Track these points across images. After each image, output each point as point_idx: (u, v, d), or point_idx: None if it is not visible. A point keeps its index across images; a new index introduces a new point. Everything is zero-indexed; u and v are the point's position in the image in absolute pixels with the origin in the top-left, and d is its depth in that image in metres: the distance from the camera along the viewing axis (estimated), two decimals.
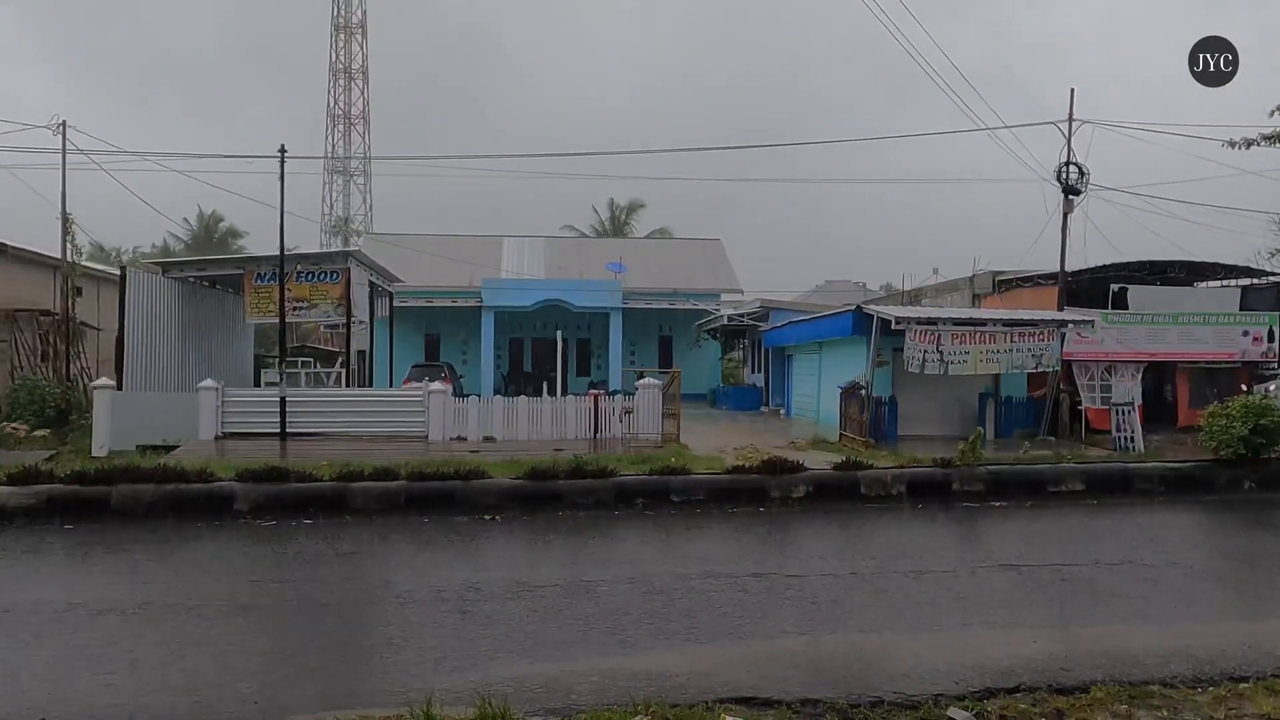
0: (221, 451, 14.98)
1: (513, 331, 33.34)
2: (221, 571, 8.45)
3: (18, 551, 9.02)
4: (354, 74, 57.58)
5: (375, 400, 19.04)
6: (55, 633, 6.38)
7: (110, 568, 8.53)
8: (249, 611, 6.98)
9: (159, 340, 20.40)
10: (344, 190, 58.28)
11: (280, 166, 17.32)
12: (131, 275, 19.73)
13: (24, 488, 10.37)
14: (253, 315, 20.89)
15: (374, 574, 8.50)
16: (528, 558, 9.16)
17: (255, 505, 10.54)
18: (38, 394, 20.16)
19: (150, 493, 10.49)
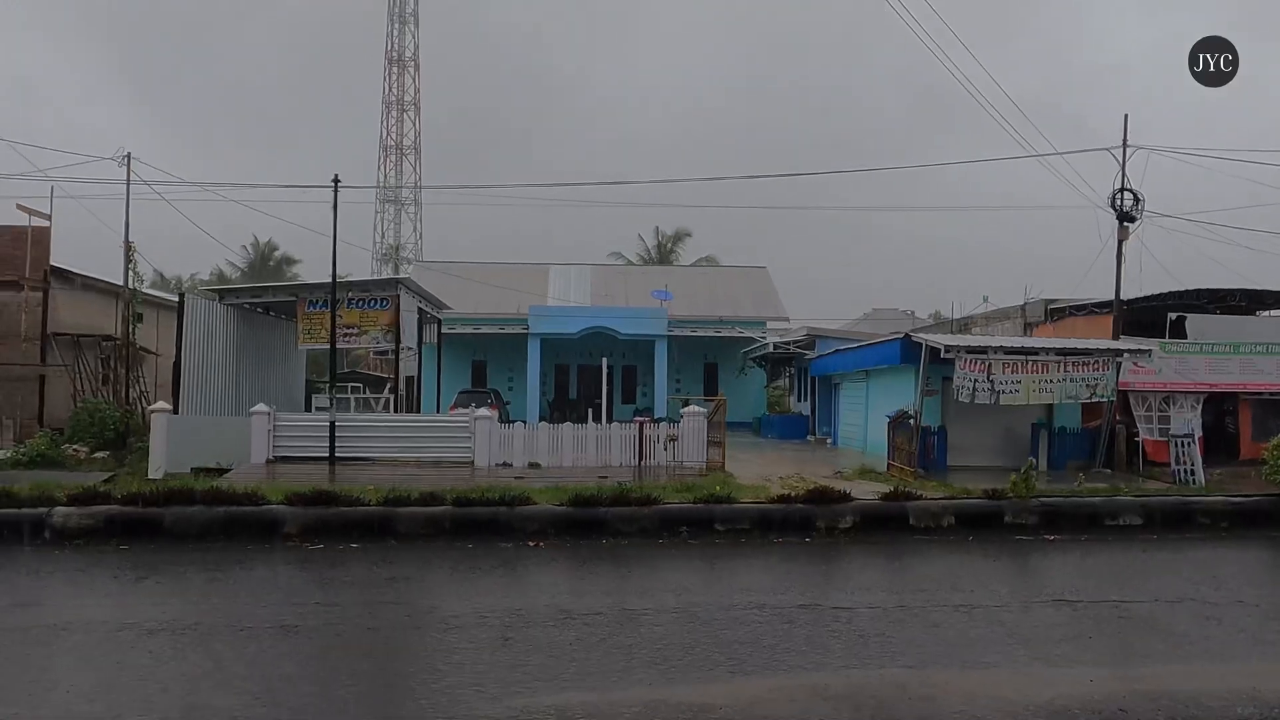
0: (272, 475, 15.22)
1: (558, 358, 33.55)
2: (270, 594, 8.55)
3: (76, 570, 9.24)
4: (406, 106, 58.80)
5: (422, 426, 19.22)
6: (106, 652, 6.49)
7: (163, 588, 8.67)
8: (295, 634, 7.04)
9: (214, 365, 20.86)
10: (395, 219, 59.33)
11: (334, 196, 17.70)
12: (189, 301, 20.25)
13: (84, 508, 10.63)
14: (305, 341, 21.28)
15: (419, 599, 8.54)
16: (571, 585, 9.14)
17: (303, 528, 10.67)
18: (98, 417, 20.72)
19: (202, 515, 10.68)
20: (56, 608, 7.91)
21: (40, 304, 23.55)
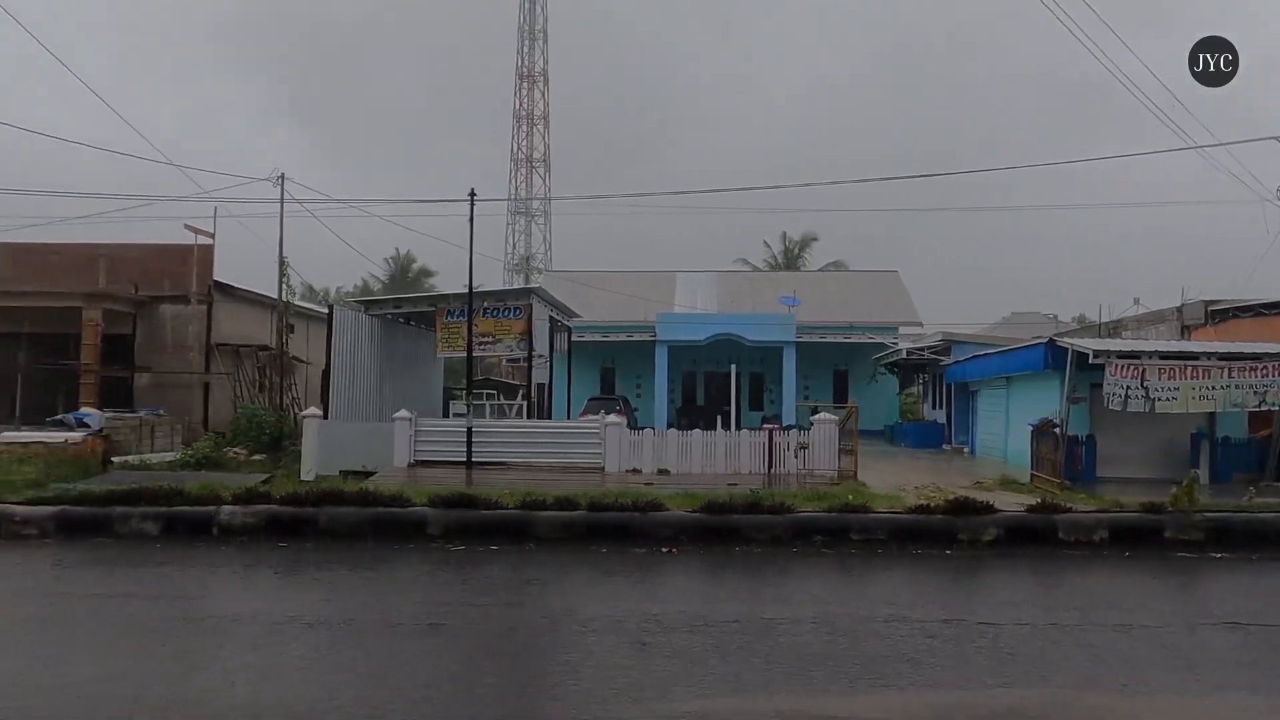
0: (414, 478, 15.83)
1: (686, 365, 33.64)
2: (416, 593, 8.90)
3: (241, 565, 9.87)
4: (536, 120, 60.39)
5: (554, 432, 19.63)
6: (272, 643, 6.89)
7: (319, 584, 9.15)
8: (441, 632, 7.29)
9: (360, 373, 21.90)
10: (525, 230, 61.02)
11: (470, 209, 18.33)
12: (337, 313, 21.35)
13: (247, 507, 11.36)
14: (443, 350, 22.12)
15: (556, 601, 8.70)
16: (705, 592, 9.13)
17: (446, 530, 11.06)
18: (256, 422, 22.09)
19: (353, 515, 11.23)
20: (227, 600, 8.48)
21: (205, 317, 25.34)
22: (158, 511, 11.20)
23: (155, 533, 11.08)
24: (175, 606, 8.13)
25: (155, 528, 11.10)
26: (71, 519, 11.18)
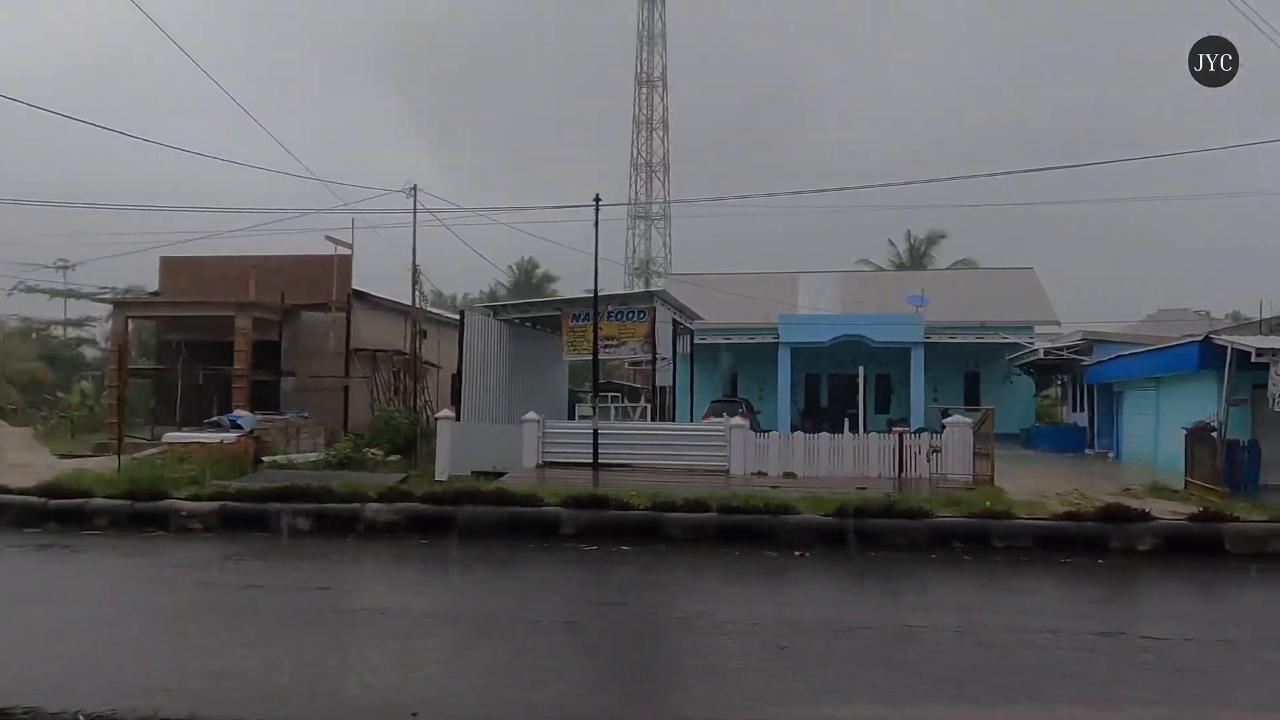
0: (542, 479, 16.12)
1: (809, 367, 33.14)
2: (553, 591, 9.06)
3: (386, 560, 10.28)
4: (655, 124, 60.77)
5: (678, 434, 19.64)
6: (418, 636, 7.13)
7: (459, 580, 9.44)
8: (579, 630, 7.39)
9: (489, 376, 22.48)
10: (645, 234, 61.44)
11: (595, 214, 18.56)
12: (469, 318, 21.98)
13: (389, 505, 11.83)
14: (568, 352, 22.46)
15: (692, 603, 8.68)
16: (841, 597, 8.96)
17: (579, 529, 11.22)
18: (391, 424, 22.98)
19: (490, 515, 11.53)
20: (375, 594, 8.84)
21: (344, 324, 26.54)
22: (309, 508, 11.80)
23: (307, 528, 11.67)
24: (328, 599, 8.52)
25: (307, 523, 11.70)
26: (232, 514, 11.91)
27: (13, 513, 12.24)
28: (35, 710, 5.22)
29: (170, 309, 26.56)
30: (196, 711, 5.24)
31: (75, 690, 5.65)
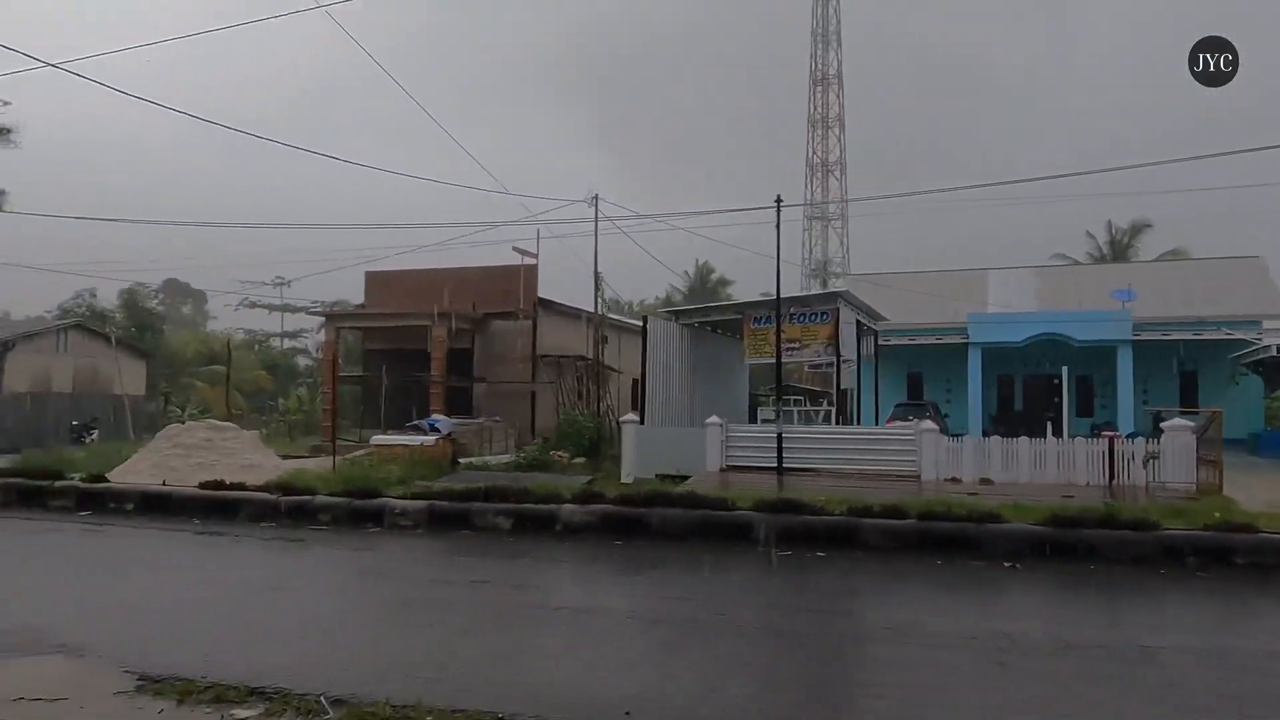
0: (726, 483, 16.08)
1: (1000, 368, 31.48)
2: (752, 596, 8.96)
3: (585, 560, 10.52)
4: (831, 123, 59.63)
5: (864, 438, 19.11)
6: (623, 637, 7.22)
7: (656, 582, 9.50)
8: (784, 637, 7.27)
9: (671, 380, 22.69)
10: (822, 235, 60.36)
11: (777, 215, 18.39)
12: (651, 323, 22.27)
13: (584, 506, 12.12)
14: (750, 356, 22.33)
15: (897, 612, 8.36)
16: (1061, 612, 8.38)
17: (772, 534, 11.07)
18: (576, 427, 23.61)
19: (682, 517, 11.59)
20: (576, 593, 9.04)
21: (530, 331, 27.56)
22: (509, 508, 12.27)
23: (507, 527, 12.14)
24: (533, 596, 8.80)
25: (507, 523, 12.17)
26: (439, 513, 12.56)
27: (250, 508, 13.43)
28: (285, 692, 5.64)
29: (373, 320, 28.47)
30: (424, 699, 5.50)
31: (315, 674, 6.07)
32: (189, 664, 6.17)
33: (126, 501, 14.41)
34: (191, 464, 17.21)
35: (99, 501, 14.53)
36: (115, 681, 5.88)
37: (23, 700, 5.50)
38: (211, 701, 5.51)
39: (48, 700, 5.51)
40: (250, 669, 6.09)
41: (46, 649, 6.62)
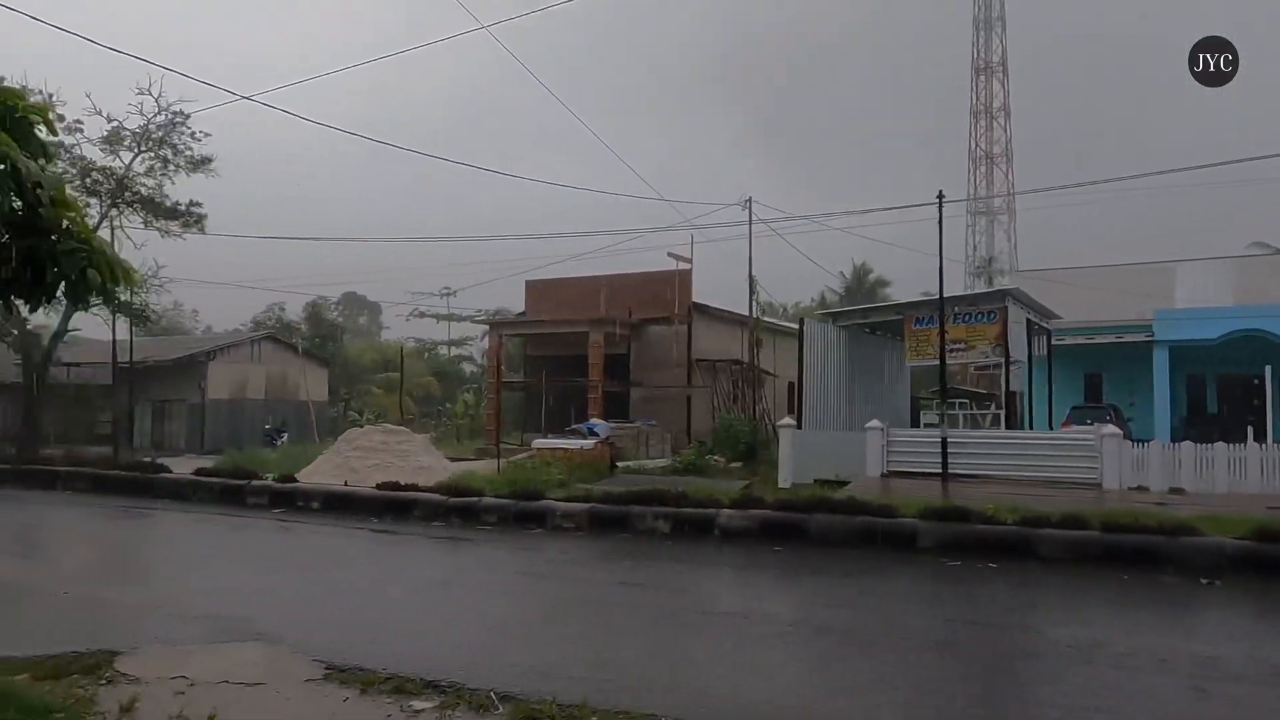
0: (887, 489, 15.58)
1: (1191, 369, 29.06)
2: (917, 606, 8.65)
3: (743, 565, 10.46)
4: (995, 113, 56.92)
5: (1037, 443, 18.09)
6: (786, 644, 7.12)
7: (816, 589, 9.32)
8: (952, 649, 6.96)
9: (829, 383, 22.24)
10: (987, 230, 57.64)
11: (939, 211, 17.70)
12: (807, 325, 21.92)
13: (742, 511, 12.05)
14: (911, 358, 21.59)
15: (1080, 629, 7.82)
16: (1271, 635, 7.63)
17: (938, 543, 10.66)
18: (732, 431, 23.51)
19: (842, 524, 11.32)
20: (735, 598, 8.99)
21: (685, 335, 27.67)
22: (667, 512, 12.36)
23: (666, 530, 12.22)
24: (692, 599, 8.81)
25: (666, 526, 12.26)
26: (599, 515, 12.79)
27: (422, 508, 14.12)
28: (458, 686, 5.88)
29: (533, 327, 29.35)
30: (588, 699, 5.59)
31: (484, 669, 6.29)
32: (371, 654, 6.53)
33: (313, 500, 15.46)
34: (369, 465, 18.27)
35: (289, 500, 15.66)
36: (305, 669, 6.29)
37: (226, 683, 5.97)
38: (391, 692, 5.80)
39: (248, 685, 5.96)
40: (425, 661, 6.38)
41: (245, 636, 7.17)
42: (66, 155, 25.57)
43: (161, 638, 7.08)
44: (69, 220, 3.78)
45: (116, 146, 26.02)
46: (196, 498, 16.67)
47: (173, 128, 26.06)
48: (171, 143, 26.32)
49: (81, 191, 25.93)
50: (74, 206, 3.88)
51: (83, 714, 5.13)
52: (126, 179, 26.11)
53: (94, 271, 3.78)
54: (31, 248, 3.66)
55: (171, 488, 17.27)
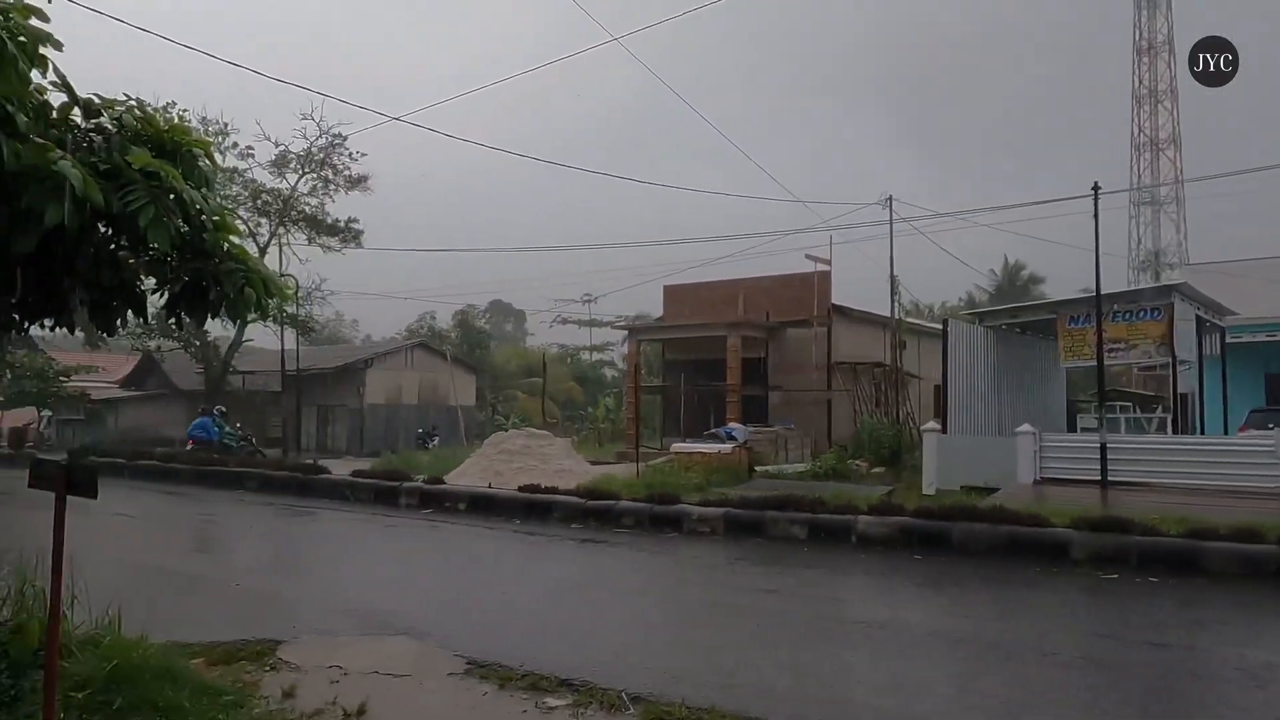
0: (1040, 497, 14.85)
1: None
2: (1067, 621, 8.22)
3: (881, 574, 10.21)
4: (1160, 96, 53.25)
5: (1210, 449, 16.78)
6: (921, 656, 6.91)
7: (957, 600, 9.00)
8: (1101, 668, 6.58)
9: (975, 385, 21.40)
10: (1152, 222, 53.95)
11: (1094, 204, 16.78)
12: (952, 326, 21.16)
13: (881, 518, 11.77)
14: (1066, 359, 20.49)
15: (1251, 651, 7.26)
16: None
17: (1092, 555, 10.09)
18: (874, 435, 22.96)
19: (987, 532, 10.89)
20: (871, 608, 8.78)
21: (825, 338, 27.22)
22: (803, 518, 12.21)
23: (802, 536, 12.08)
24: (827, 607, 8.68)
25: (802, 532, 12.11)
26: (734, 520, 12.78)
27: (561, 510, 14.49)
28: (591, 685, 6.03)
29: (671, 332, 29.54)
30: (718, 704, 5.62)
31: (615, 670, 6.42)
32: (510, 652, 6.78)
33: (459, 501, 16.12)
34: (513, 468, 18.88)
35: (437, 501, 16.38)
36: (448, 664, 6.59)
37: (376, 674, 6.33)
38: (528, 689, 6.01)
39: (395, 676, 6.31)
40: (560, 660, 6.57)
41: (393, 630, 7.58)
42: (239, 179, 27.73)
43: (318, 628, 7.58)
44: (229, 243, 4.12)
45: (283, 169, 27.99)
46: (354, 498, 17.68)
47: (332, 149, 27.80)
48: (331, 163, 28.07)
49: (253, 212, 28.06)
50: (234, 230, 4.23)
51: (249, 697, 5.55)
52: (292, 199, 27.99)
53: (250, 289, 4.11)
54: (197, 269, 4.01)
55: (331, 488, 18.39)
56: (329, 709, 5.53)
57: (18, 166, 3.27)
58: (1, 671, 5.04)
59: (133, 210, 3.58)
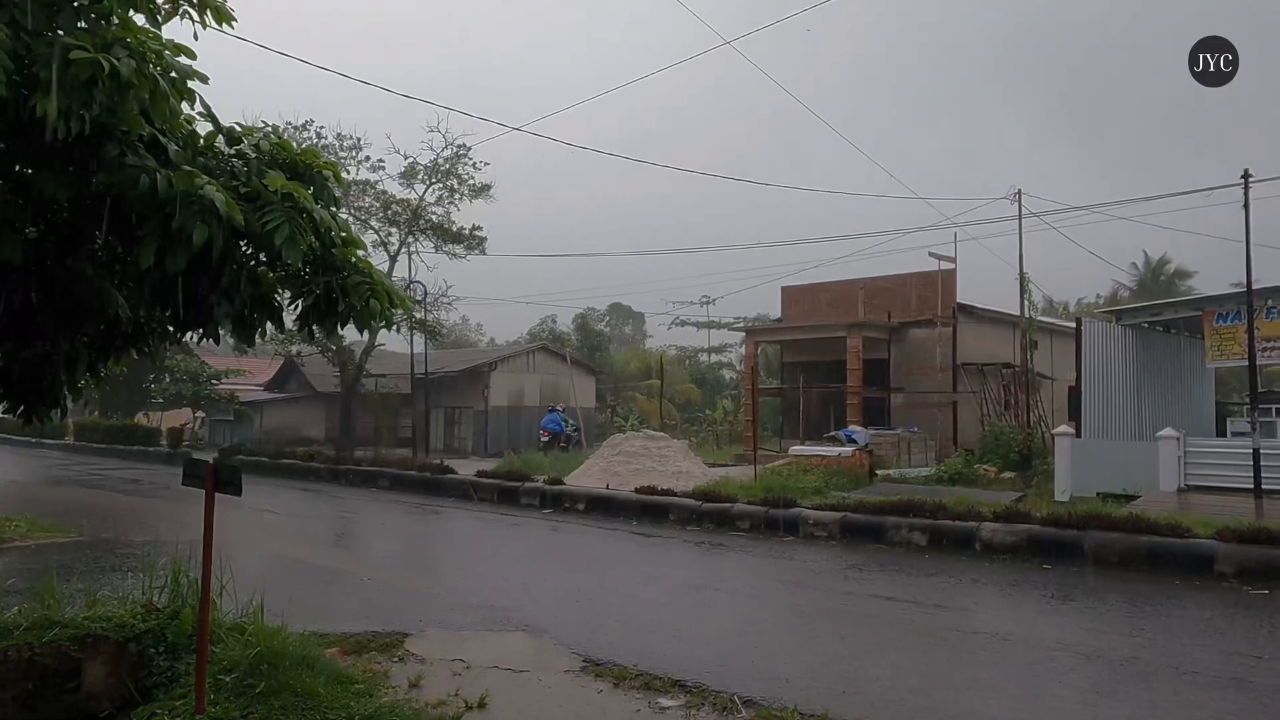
0: (1184, 505, 14.03)
1: None
2: (1209, 638, 7.74)
3: (1006, 583, 9.86)
4: None
5: None
6: (1048, 670, 6.66)
7: (1089, 613, 8.60)
8: (1247, 689, 6.20)
9: (1112, 387, 20.37)
10: None
11: (1244, 193, 15.74)
12: (1086, 325, 20.21)
13: (1007, 525, 11.35)
14: (1213, 358, 19.26)
15: None
16: None
17: (1239, 569, 9.48)
18: (1003, 439, 22.14)
19: (1122, 542, 10.36)
20: (995, 618, 8.50)
21: (949, 338, 26.41)
22: (924, 524, 11.91)
23: (922, 543, 11.79)
24: (947, 617, 8.45)
25: (922, 539, 11.82)
26: (851, 525, 12.58)
27: (677, 512, 14.58)
28: (703, 687, 6.10)
29: (790, 333, 29.26)
30: (831, 711, 5.58)
31: (728, 672, 6.45)
32: (625, 650, 6.91)
33: (578, 502, 16.43)
34: (631, 469, 19.09)
35: (557, 501, 16.75)
36: (565, 661, 6.78)
37: (496, 668, 6.57)
38: (641, 688, 6.12)
39: (514, 671, 6.53)
40: (674, 661, 6.66)
41: (513, 626, 7.83)
42: (371, 191, 29.04)
43: (442, 623, 7.90)
44: (355, 258, 4.38)
45: (411, 180, 29.15)
46: (478, 497, 18.26)
47: (457, 159, 28.77)
48: (457, 173, 29.06)
49: (384, 222, 29.34)
50: (360, 245, 4.49)
51: (379, 686, 5.85)
52: (420, 208, 29.12)
53: (375, 301, 4.36)
54: (327, 283, 4.28)
55: (457, 488, 19.04)
56: (451, 700, 5.78)
57: (169, 192, 3.58)
58: (159, 654, 5.50)
59: (269, 229, 3.87)
